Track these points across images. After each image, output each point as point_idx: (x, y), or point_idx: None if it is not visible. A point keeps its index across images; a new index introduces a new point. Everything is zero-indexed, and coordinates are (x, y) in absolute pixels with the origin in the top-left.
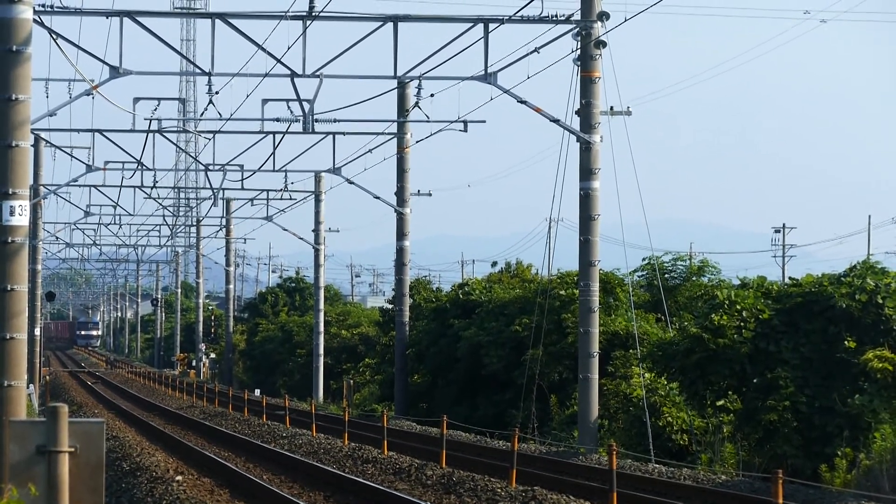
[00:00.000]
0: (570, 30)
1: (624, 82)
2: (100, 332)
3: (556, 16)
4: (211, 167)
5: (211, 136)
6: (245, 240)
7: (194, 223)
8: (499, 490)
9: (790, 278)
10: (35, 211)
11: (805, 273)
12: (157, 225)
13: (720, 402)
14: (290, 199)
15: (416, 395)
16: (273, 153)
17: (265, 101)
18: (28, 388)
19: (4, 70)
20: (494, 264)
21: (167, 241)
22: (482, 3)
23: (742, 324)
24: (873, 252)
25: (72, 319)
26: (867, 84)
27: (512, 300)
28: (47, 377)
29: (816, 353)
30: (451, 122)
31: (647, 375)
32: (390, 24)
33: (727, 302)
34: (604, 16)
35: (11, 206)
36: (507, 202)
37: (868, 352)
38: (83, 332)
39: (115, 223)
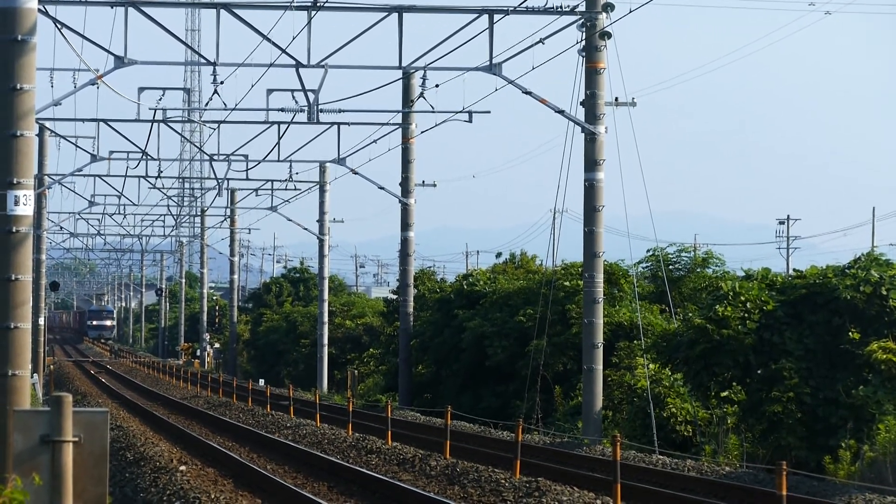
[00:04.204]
0: (575, 21)
1: (629, 73)
2: (114, 323)
3: (561, 7)
4: (216, 157)
5: (216, 125)
6: (250, 230)
7: (199, 213)
8: (502, 481)
9: (794, 270)
10: (39, 201)
11: (809, 265)
12: (161, 215)
13: (724, 394)
14: (295, 189)
15: (420, 385)
16: (278, 143)
17: (270, 92)
18: (32, 377)
19: (9, 60)
20: (499, 255)
21: (172, 230)
22: None
23: (746, 315)
24: (877, 244)
25: (76, 308)
26: (872, 76)
27: (516, 291)
28: (51, 367)
29: (820, 344)
30: (456, 112)
31: (651, 366)
32: (395, 15)
33: (731, 293)
34: (608, 7)
35: (16, 196)
36: (511, 193)
37: (872, 343)
38: (95, 322)
39: (119, 213)
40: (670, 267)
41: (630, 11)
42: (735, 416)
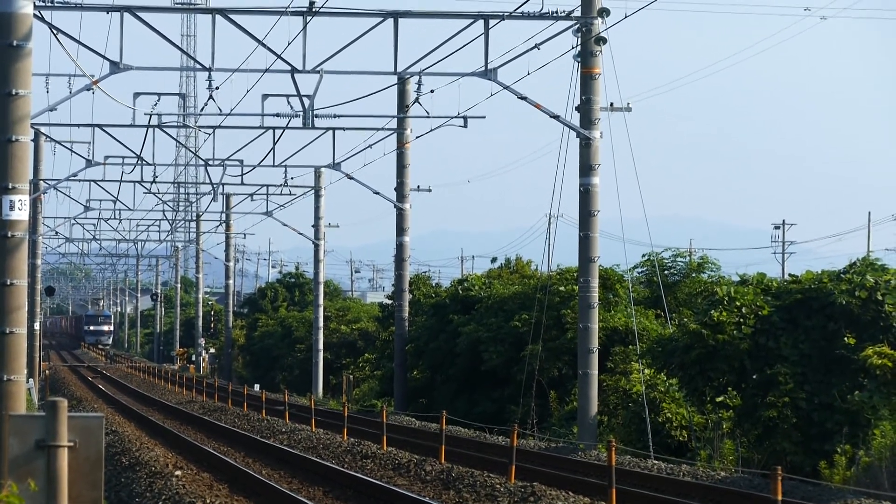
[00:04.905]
0: (571, 26)
1: (624, 79)
2: (112, 328)
3: (557, 12)
4: (211, 162)
5: (211, 131)
6: (245, 235)
7: (194, 218)
8: (498, 486)
9: (790, 275)
10: (35, 206)
11: (805, 270)
12: (156, 220)
13: (719, 399)
14: (290, 194)
15: (416, 390)
16: (273, 148)
17: (265, 97)
18: (27, 382)
19: (5, 65)
20: (494, 260)
21: (167, 236)
22: (482, 0)
23: (741, 320)
24: (873, 249)
25: (72, 313)
26: (867, 81)
27: (511, 296)
28: (47, 371)
29: (816, 349)
30: (451, 117)
31: (646, 371)
32: (390, 20)
33: (727, 298)
34: (604, 12)
35: (11, 201)
36: (506, 198)
37: (867, 348)
38: (92, 328)
39: (114, 218)
40: (665, 272)
41: (626, 16)
42: (730, 421)
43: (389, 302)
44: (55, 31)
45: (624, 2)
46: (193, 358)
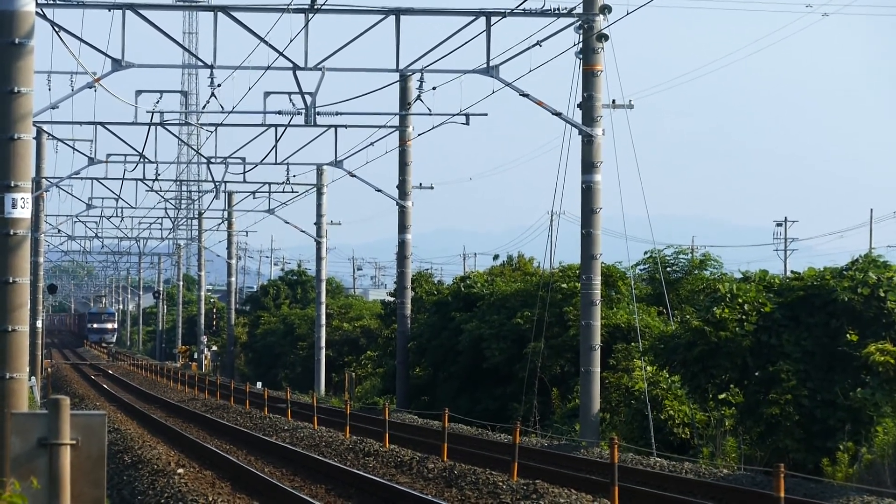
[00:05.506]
0: (572, 23)
1: (626, 75)
2: (115, 326)
3: (558, 9)
4: (213, 160)
5: (213, 128)
6: (247, 232)
7: (196, 216)
8: (500, 483)
9: (792, 272)
10: (37, 203)
11: (807, 267)
12: (158, 217)
13: (722, 396)
14: (292, 192)
15: (418, 388)
16: (275, 146)
17: (267, 94)
18: (30, 380)
19: (7, 63)
20: (496, 257)
21: (169, 233)
22: None
23: (744, 317)
24: (875, 246)
25: (73, 311)
26: (868, 79)
27: (513, 293)
28: (49, 369)
29: (818, 346)
30: (453, 115)
31: (648, 369)
32: (392, 17)
33: (729, 295)
34: (606, 9)
35: (14, 199)
36: (509, 195)
37: (870, 345)
38: (95, 326)
39: (116, 216)
40: (668, 269)
41: (627, 13)
42: (733, 418)
43: (392, 299)
44: (57, 29)
45: None
46: (196, 355)
